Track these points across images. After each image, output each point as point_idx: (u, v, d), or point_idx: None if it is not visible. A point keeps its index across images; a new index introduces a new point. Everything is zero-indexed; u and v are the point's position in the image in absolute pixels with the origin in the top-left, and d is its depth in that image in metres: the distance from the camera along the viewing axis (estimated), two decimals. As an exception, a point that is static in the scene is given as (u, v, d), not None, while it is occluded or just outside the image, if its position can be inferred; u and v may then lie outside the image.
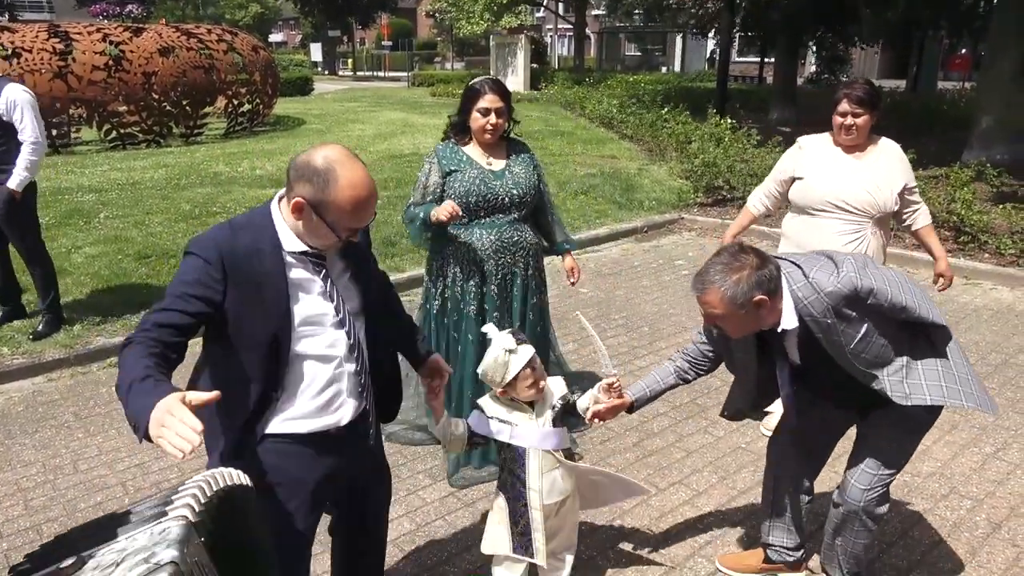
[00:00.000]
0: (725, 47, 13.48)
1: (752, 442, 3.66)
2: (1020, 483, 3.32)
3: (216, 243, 1.74)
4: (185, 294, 1.70)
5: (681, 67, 36.31)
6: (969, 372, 2.24)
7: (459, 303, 3.24)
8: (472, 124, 3.11)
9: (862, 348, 2.10)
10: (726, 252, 2.07)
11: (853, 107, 3.24)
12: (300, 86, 24.04)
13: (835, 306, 2.03)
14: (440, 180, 3.16)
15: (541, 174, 3.32)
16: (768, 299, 2.01)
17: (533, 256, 3.27)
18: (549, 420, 2.36)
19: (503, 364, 2.25)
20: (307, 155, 1.73)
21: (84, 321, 4.84)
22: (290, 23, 64.06)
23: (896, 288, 2.07)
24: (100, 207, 7.73)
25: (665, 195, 8.76)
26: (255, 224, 1.80)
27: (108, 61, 11.57)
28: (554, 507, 2.38)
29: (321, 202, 1.70)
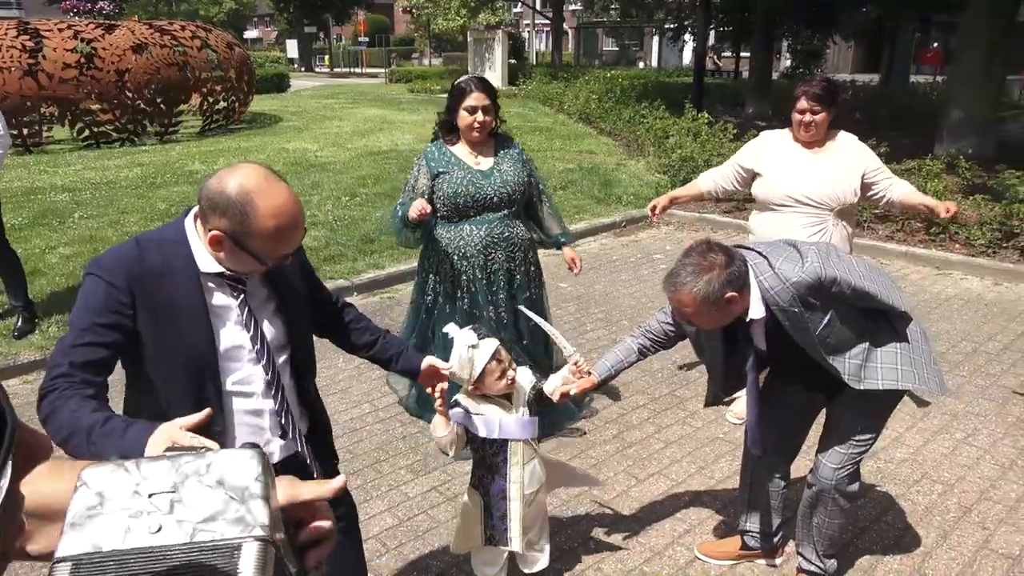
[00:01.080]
0: (700, 44, 13.56)
1: (730, 432, 3.71)
2: (989, 467, 3.41)
3: (121, 262, 1.58)
4: (95, 325, 1.53)
5: (658, 62, 36.49)
6: (926, 355, 2.29)
7: (451, 298, 3.29)
8: (460, 122, 3.14)
9: (827, 334, 2.15)
10: (695, 252, 2.11)
11: (811, 104, 3.29)
12: (276, 83, 23.87)
13: (800, 295, 2.09)
14: (428, 183, 3.20)
15: (531, 169, 3.36)
16: (738, 295, 2.06)
17: (524, 251, 3.31)
18: (525, 411, 2.38)
19: (468, 360, 2.24)
20: (219, 181, 1.53)
21: (59, 322, 4.79)
22: (266, 19, 63.46)
23: (858, 276, 2.13)
24: (74, 207, 7.64)
25: (643, 190, 8.82)
26: (166, 241, 1.63)
27: (79, 58, 11.41)
28: (532, 496, 2.41)
29: (242, 234, 1.53)
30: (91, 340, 1.53)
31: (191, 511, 0.61)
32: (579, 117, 14.92)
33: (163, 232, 1.67)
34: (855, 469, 2.41)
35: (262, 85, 20.82)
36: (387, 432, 3.71)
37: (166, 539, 0.59)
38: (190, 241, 1.63)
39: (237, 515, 0.62)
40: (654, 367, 4.47)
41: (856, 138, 3.49)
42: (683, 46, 27.19)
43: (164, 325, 1.59)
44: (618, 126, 12.72)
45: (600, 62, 38.25)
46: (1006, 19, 9.25)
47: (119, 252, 1.61)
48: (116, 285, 1.55)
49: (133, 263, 1.58)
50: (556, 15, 28.14)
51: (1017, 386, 4.18)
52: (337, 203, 7.90)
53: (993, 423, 3.79)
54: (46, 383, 1.50)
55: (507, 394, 2.36)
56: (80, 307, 1.57)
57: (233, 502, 0.62)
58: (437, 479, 3.31)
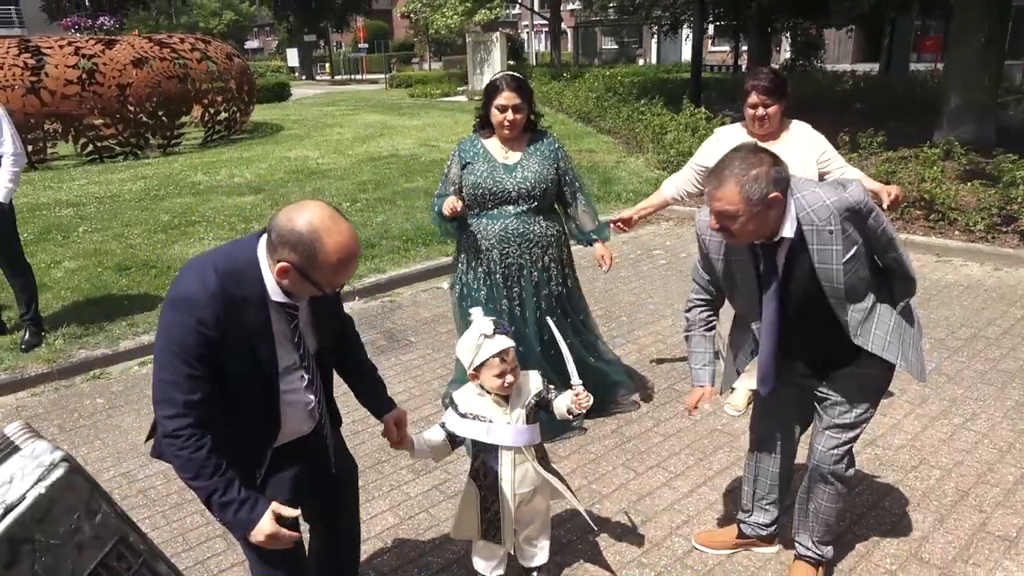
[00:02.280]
0: (697, 40, 13.58)
1: (728, 424, 3.74)
2: (988, 451, 3.42)
3: (208, 299, 1.73)
4: (194, 363, 1.72)
5: (657, 59, 36.47)
6: (915, 339, 2.32)
7: (472, 289, 3.40)
8: (492, 119, 3.23)
9: (849, 268, 2.12)
10: (743, 150, 2.07)
11: (762, 98, 3.30)
12: (277, 92, 24.03)
13: (843, 216, 2.07)
14: (459, 171, 3.33)
15: (565, 167, 3.38)
16: (781, 196, 2.03)
17: (544, 248, 3.35)
18: (522, 416, 2.38)
19: (475, 347, 2.29)
20: (289, 218, 1.70)
21: (66, 335, 4.86)
22: (265, 29, 63.80)
23: (889, 223, 2.16)
24: (79, 221, 7.73)
25: (643, 186, 8.84)
26: (240, 270, 1.78)
27: (81, 75, 11.53)
28: (526, 496, 2.44)
29: (308, 267, 1.71)
30: (196, 376, 1.73)
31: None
32: (579, 116, 14.96)
33: (237, 258, 1.80)
34: (850, 454, 2.43)
35: (263, 95, 20.97)
36: (389, 433, 3.75)
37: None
38: (262, 271, 1.79)
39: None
40: (653, 361, 4.49)
41: (809, 127, 3.49)
42: (682, 40, 27.17)
43: (238, 349, 1.78)
44: (617, 124, 12.75)
45: (599, 61, 38.28)
46: (1001, 5, 9.23)
47: (204, 287, 1.73)
48: (205, 322, 1.71)
49: (217, 299, 1.73)
50: (554, 15, 28.17)
51: (1017, 369, 4.19)
52: (338, 209, 7.94)
53: (992, 407, 3.80)
54: (166, 422, 1.75)
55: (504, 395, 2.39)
56: (175, 344, 1.73)
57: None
58: (437, 478, 3.35)
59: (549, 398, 2.45)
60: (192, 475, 1.75)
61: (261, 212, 7.92)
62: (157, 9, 43.43)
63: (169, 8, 44.45)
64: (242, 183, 9.65)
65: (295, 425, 2.00)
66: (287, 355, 1.90)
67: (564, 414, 2.43)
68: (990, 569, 2.67)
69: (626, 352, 4.65)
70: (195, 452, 1.73)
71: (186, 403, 1.72)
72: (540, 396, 2.44)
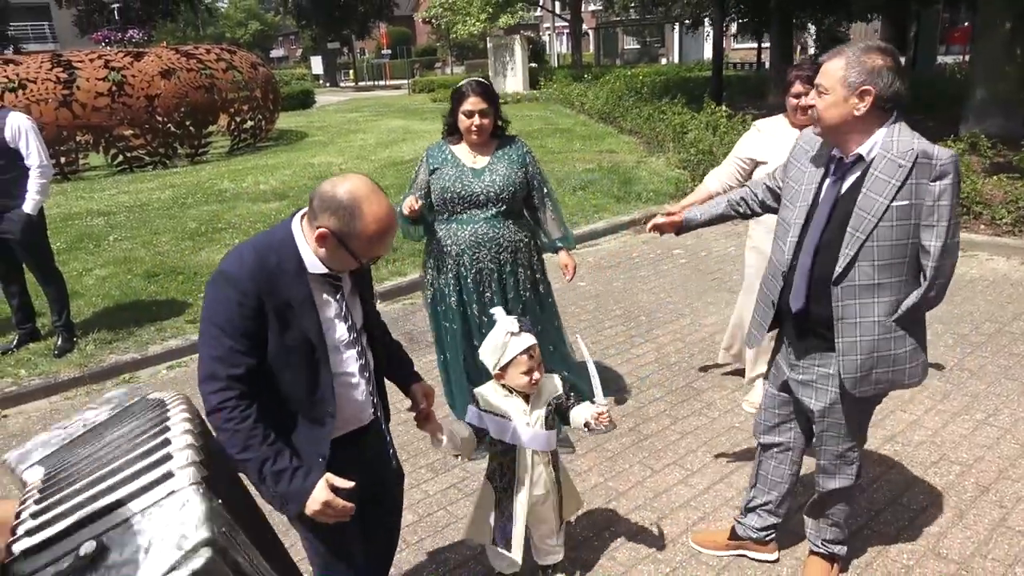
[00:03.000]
0: (718, 38, 13.51)
1: (745, 421, 3.74)
2: (1010, 447, 3.38)
3: (247, 272, 1.77)
4: (238, 337, 1.75)
5: (679, 58, 36.27)
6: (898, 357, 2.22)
7: (443, 294, 3.40)
8: (460, 125, 3.25)
9: (890, 214, 2.05)
10: (873, 42, 2.09)
11: (806, 87, 3.29)
12: (302, 100, 24.32)
13: (918, 160, 2.02)
14: (427, 177, 3.33)
15: (533, 172, 3.38)
16: (873, 95, 2.01)
17: (514, 252, 3.35)
18: (542, 418, 2.41)
19: (502, 346, 2.31)
20: (332, 186, 1.77)
21: (97, 340, 5.00)
22: (290, 38, 64.58)
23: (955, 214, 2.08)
24: (109, 230, 7.92)
25: (663, 186, 8.83)
26: (276, 245, 1.84)
27: (111, 87, 11.81)
28: (540, 498, 2.46)
29: (346, 234, 1.77)
30: (239, 350, 1.76)
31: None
32: (600, 117, 14.96)
33: (273, 235, 1.87)
34: (854, 461, 2.42)
35: (288, 102, 21.26)
36: (408, 433, 3.79)
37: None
38: (298, 244, 1.84)
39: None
40: (671, 360, 4.51)
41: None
42: (704, 38, 26.99)
43: (282, 321, 1.81)
44: (638, 124, 12.73)
45: (621, 61, 38.18)
46: (1028, -6, 9.07)
47: (243, 262, 1.80)
48: (247, 294, 1.76)
49: (256, 271, 1.78)
50: (574, 17, 28.17)
51: (1041, 365, 4.13)
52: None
53: (1015, 403, 3.76)
54: (211, 397, 1.76)
55: (526, 393, 2.40)
56: (218, 318, 1.77)
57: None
58: (456, 476, 3.40)
59: (568, 404, 2.46)
60: (241, 447, 1.74)
61: (286, 218, 8.04)
62: (184, 21, 44.21)
63: (196, 20, 45.20)
64: (267, 190, 9.81)
65: (352, 411, 2.00)
66: (336, 328, 1.92)
67: (580, 426, 2.42)
68: (1009, 564, 2.65)
69: (645, 351, 4.66)
70: (241, 423, 1.74)
71: (229, 376, 1.75)
72: (560, 400, 2.45)
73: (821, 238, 2.20)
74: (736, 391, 4.07)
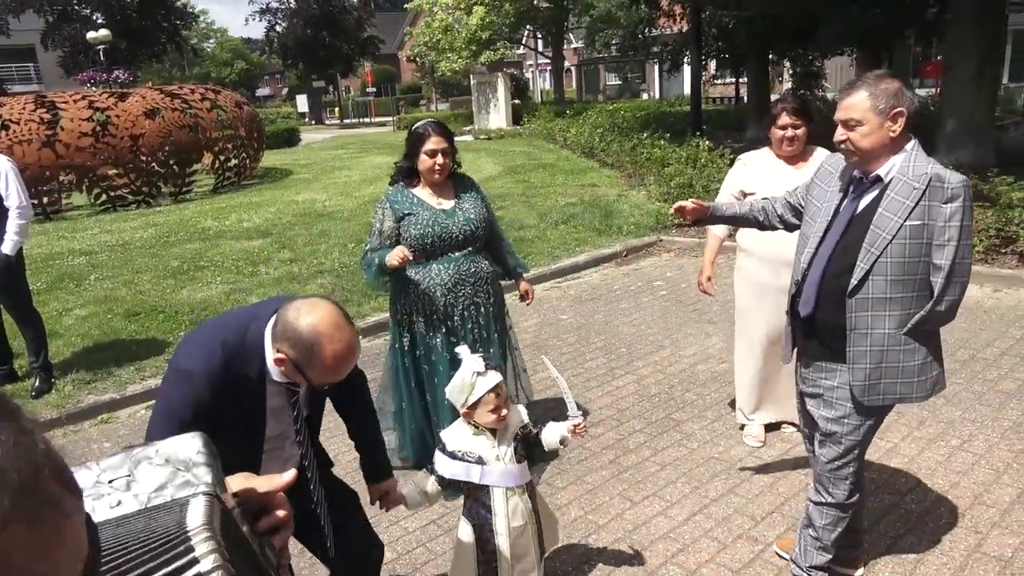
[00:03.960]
0: (696, 75, 13.80)
1: (724, 451, 3.75)
2: (984, 472, 3.42)
3: (208, 375, 1.82)
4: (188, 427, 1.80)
5: (660, 93, 36.91)
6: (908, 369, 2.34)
7: (425, 338, 3.36)
8: (420, 166, 3.25)
9: (904, 233, 2.18)
10: (879, 71, 2.28)
11: (793, 119, 3.42)
12: (287, 137, 24.49)
13: (931, 183, 2.16)
14: (395, 224, 3.29)
15: (489, 206, 3.49)
16: (905, 116, 2.17)
17: (492, 284, 3.41)
18: (511, 451, 2.41)
19: (469, 385, 2.33)
20: (296, 315, 1.77)
21: (75, 380, 4.96)
22: (276, 77, 65.16)
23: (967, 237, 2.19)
24: (90, 269, 7.90)
25: (644, 219, 8.93)
26: (245, 351, 1.87)
27: (95, 127, 11.86)
28: (519, 529, 2.45)
29: (303, 365, 1.79)
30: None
31: (144, 485, 0.74)
32: (582, 151, 15.14)
33: (245, 333, 1.88)
34: (850, 477, 2.45)
35: (273, 140, 21.38)
36: (388, 469, 3.79)
37: (124, 510, 0.72)
38: (266, 353, 1.87)
39: (183, 480, 0.74)
40: (652, 392, 4.53)
41: (829, 153, 3.58)
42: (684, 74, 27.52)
43: (227, 416, 1.84)
44: (620, 158, 12.90)
45: (603, 96, 38.77)
46: (994, 28, 9.36)
47: (208, 362, 1.83)
48: (201, 398, 1.82)
49: (218, 374, 1.83)
50: (556, 54, 28.69)
51: (1015, 390, 4.18)
52: (344, 250, 8.09)
53: (989, 428, 3.80)
54: None
55: (492, 428, 2.42)
56: (172, 409, 1.84)
57: (180, 472, 0.75)
58: (435, 512, 3.38)
59: (535, 431, 2.48)
60: None
61: (268, 255, 8.07)
62: (171, 61, 44.58)
63: (182, 60, 45.59)
64: (251, 227, 9.84)
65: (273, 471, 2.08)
66: (279, 426, 2.01)
67: (555, 444, 2.46)
68: (985, 590, 2.66)
69: (625, 383, 4.69)
70: None
71: None
72: (526, 429, 2.46)
73: (834, 251, 2.34)
74: (715, 422, 4.09)
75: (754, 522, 3.15)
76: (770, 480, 3.47)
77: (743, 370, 3.83)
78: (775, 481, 3.46)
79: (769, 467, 3.58)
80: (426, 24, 27.59)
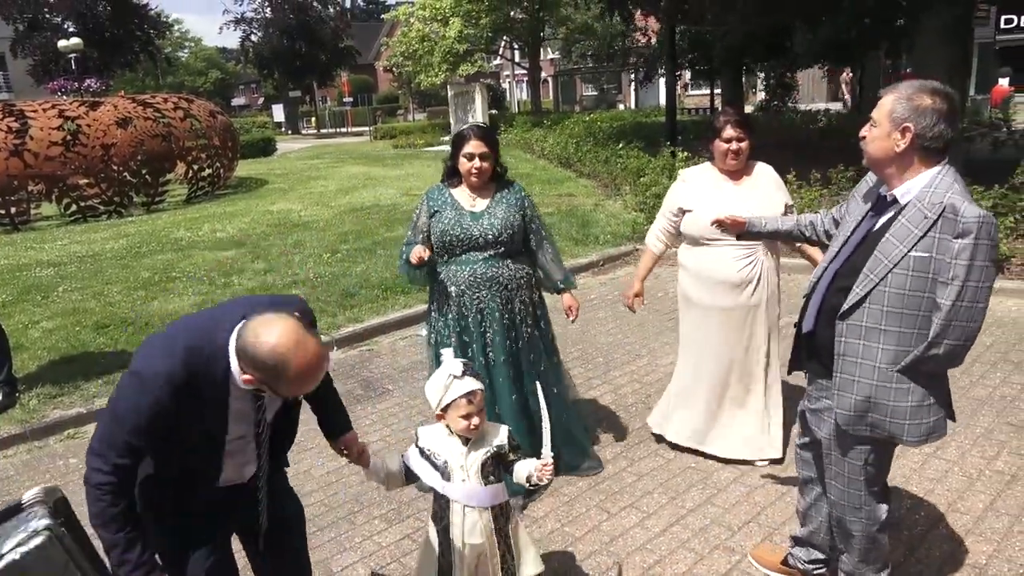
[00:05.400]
0: (671, 86, 13.92)
1: (701, 461, 3.74)
2: (958, 479, 3.44)
3: (167, 382, 1.79)
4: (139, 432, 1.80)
5: (636, 103, 37.20)
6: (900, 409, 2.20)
7: (444, 336, 3.41)
8: (460, 168, 3.31)
9: (908, 262, 2.06)
10: (932, 83, 2.11)
11: (738, 132, 3.38)
12: (263, 147, 24.30)
13: (944, 213, 2.00)
14: (428, 220, 3.38)
15: (531, 215, 3.45)
16: (912, 133, 2.05)
17: (514, 291, 3.37)
18: (477, 465, 2.33)
19: (443, 387, 2.29)
20: (253, 340, 1.75)
21: (41, 395, 4.84)
22: (252, 86, 64.73)
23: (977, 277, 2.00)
24: (59, 281, 7.74)
25: (620, 228, 8.96)
26: (207, 356, 1.84)
27: (65, 136, 11.67)
28: (478, 548, 2.35)
29: (272, 384, 1.81)
30: (133, 445, 1.82)
31: None
32: (559, 161, 15.18)
33: (209, 342, 1.85)
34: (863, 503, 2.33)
35: (248, 150, 21.21)
36: (362, 484, 3.72)
37: None
38: (231, 358, 1.84)
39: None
40: (628, 401, 4.52)
41: (772, 168, 3.59)
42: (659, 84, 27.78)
43: (188, 419, 1.85)
44: (596, 168, 12.95)
45: (580, 107, 38.99)
46: (960, 41, 9.54)
47: (168, 369, 1.80)
48: (160, 402, 1.78)
49: (177, 381, 1.80)
50: (533, 65, 28.83)
51: (986, 396, 4.22)
52: (319, 260, 8.02)
53: (962, 435, 3.83)
54: (93, 473, 1.82)
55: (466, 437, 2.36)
56: (124, 414, 1.80)
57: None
58: (411, 527, 3.33)
59: (510, 457, 2.41)
60: (100, 523, 1.83)
61: (242, 266, 7.97)
62: (144, 70, 44.09)
63: (155, 69, 45.10)
64: (224, 238, 9.72)
65: (232, 473, 2.06)
66: (241, 428, 1.98)
67: (522, 480, 2.40)
68: (959, 598, 2.67)
69: (601, 392, 4.67)
70: (110, 507, 1.82)
71: (116, 465, 1.81)
72: (500, 450, 2.39)
73: (840, 268, 2.27)
74: (692, 431, 4.08)
75: (730, 532, 3.14)
76: (746, 491, 3.46)
77: (676, 381, 3.84)
78: (751, 491, 3.45)
79: (745, 477, 3.58)
80: (402, 34, 27.57)
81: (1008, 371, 4.59)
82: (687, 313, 3.73)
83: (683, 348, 3.82)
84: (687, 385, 3.74)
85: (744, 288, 3.47)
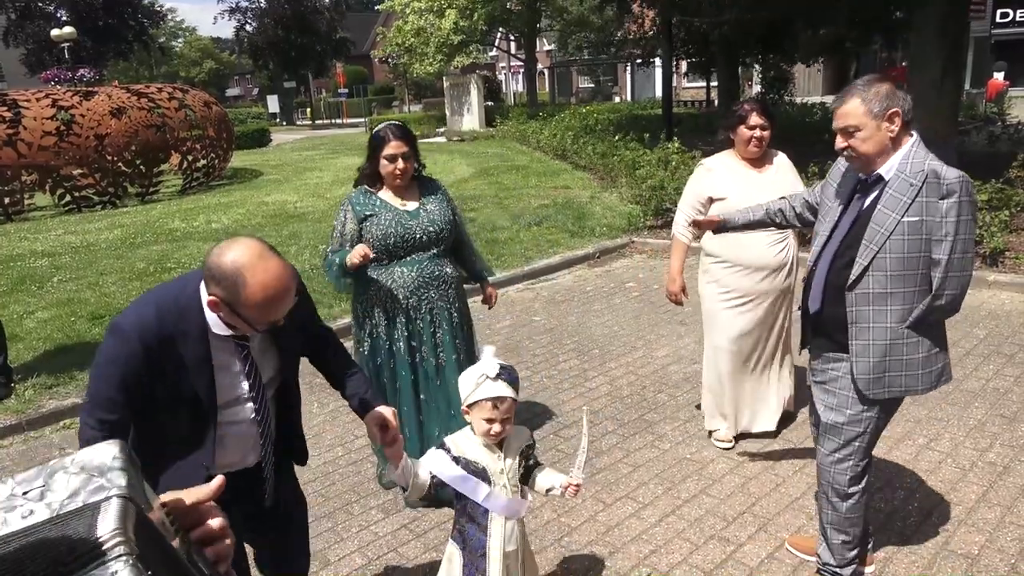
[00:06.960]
0: (667, 75, 13.89)
1: (696, 452, 3.77)
2: (951, 470, 3.47)
3: (140, 330, 1.77)
4: (118, 387, 1.79)
5: (632, 95, 37.15)
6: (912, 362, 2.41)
7: (387, 342, 3.28)
8: (382, 171, 3.20)
9: (903, 229, 2.24)
10: (868, 76, 2.32)
11: (762, 120, 3.42)
12: (257, 138, 24.19)
13: (927, 179, 2.21)
14: (356, 227, 3.23)
15: (455, 209, 3.43)
16: (900, 116, 2.22)
17: (456, 288, 3.37)
18: (515, 465, 2.27)
19: (474, 383, 2.19)
20: (218, 254, 1.74)
21: (36, 385, 4.83)
22: (246, 77, 64.38)
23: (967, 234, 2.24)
24: (53, 271, 7.72)
25: (616, 220, 8.97)
26: (181, 306, 1.82)
27: (59, 126, 11.61)
28: (512, 555, 2.30)
29: (235, 303, 1.73)
30: (117, 401, 1.79)
31: (57, 494, 0.72)
32: (555, 154, 15.17)
33: (180, 293, 1.85)
34: (850, 466, 2.51)
35: (243, 141, 21.14)
36: (359, 474, 3.74)
37: (35, 519, 0.69)
38: (204, 305, 1.82)
39: (96, 485, 0.72)
40: (624, 393, 4.54)
41: (786, 156, 3.64)
42: (656, 76, 27.74)
43: (172, 379, 1.82)
44: (592, 160, 12.94)
45: (576, 99, 38.93)
46: (955, 35, 9.55)
47: (140, 319, 1.80)
48: (134, 354, 1.77)
49: (151, 331, 1.78)
50: (529, 57, 28.71)
51: (979, 389, 4.26)
52: (314, 251, 8.00)
53: (955, 427, 3.86)
54: (84, 429, 1.82)
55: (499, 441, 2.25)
56: (104, 368, 1.81)
57: (94, 478, 0.73)
58: (407, 517, 3.34)
59: (532, 462, 2.35)
60: None
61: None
62: (138, 60, 43.85)
63: (149, 59, 44.86)
64: (219, 228, 9.69)
65: (233, 456, 2.00)
66: (233, 387, 1.93)
67: (542, 489, 2.33)
68: (952, 587, 2.69)
69: (598, 384, 4.69)
70: None
71: (101, 420, 1.79)
72: (530, 450, 2.33)
73: (839, 248, 2.41)
74: (688, 423, 4.10)
75: (726, 523, 3.16)
76: (741, 481, 3.48)
77: (708, 374, 3.85)
78: (746, 482, 3.47)
79: (741, 468, 3.60)
80: (397, 28, 27.43)
81: (1001, 364, 4.62)
82: (712, 300, 3.70)
83: (716, 338, 3.74)
84: (726, 372, 3.73)
85: (779, 272, 3.57)
